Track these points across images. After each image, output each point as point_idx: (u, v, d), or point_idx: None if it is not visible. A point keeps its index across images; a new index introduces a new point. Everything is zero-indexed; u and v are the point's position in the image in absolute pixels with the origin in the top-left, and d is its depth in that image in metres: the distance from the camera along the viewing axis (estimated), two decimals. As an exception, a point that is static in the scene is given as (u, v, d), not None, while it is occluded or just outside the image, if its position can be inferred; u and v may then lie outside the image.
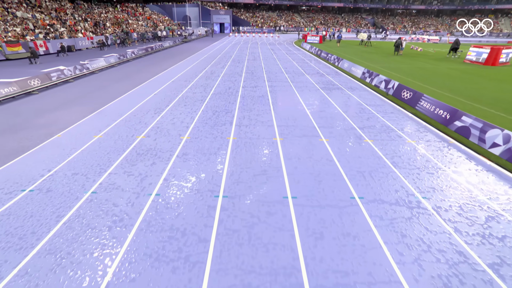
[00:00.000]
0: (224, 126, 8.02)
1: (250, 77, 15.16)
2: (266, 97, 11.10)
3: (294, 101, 10.67)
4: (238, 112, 9.22)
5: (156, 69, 17.32)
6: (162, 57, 23.25)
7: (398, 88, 11.42)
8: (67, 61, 20.36)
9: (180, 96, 11.10)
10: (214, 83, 13.55)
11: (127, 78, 14.74)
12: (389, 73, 16.35)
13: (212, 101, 10.46)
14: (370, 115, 9.35)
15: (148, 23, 49.86)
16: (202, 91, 12.00)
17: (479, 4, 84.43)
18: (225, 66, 18.77)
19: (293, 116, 8.95)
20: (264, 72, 16.74)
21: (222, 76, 15.15)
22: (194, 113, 9.10)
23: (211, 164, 5.98)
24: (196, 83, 13.51)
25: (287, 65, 19.70)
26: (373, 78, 13.74)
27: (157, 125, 8.12)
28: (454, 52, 25.63)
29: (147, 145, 6.82)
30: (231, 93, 11.70)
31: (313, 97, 11.28)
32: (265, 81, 14.18)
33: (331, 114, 9.31)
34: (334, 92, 12.29)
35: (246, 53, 26.57)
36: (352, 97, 11.58)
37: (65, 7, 37.83)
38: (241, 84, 13.41)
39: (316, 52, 25.81)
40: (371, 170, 5.85)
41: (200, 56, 24.05)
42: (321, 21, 78.55)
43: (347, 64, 17.80)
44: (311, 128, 8.00)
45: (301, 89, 12.66)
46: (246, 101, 10.57)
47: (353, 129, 8.07)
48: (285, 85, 13.28)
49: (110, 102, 10.28)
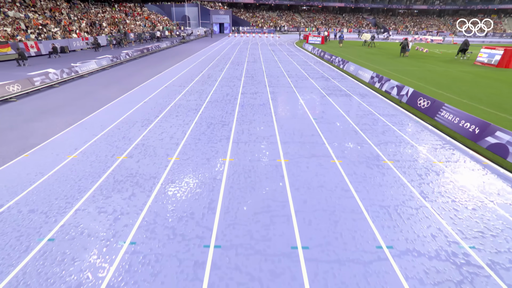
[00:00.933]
0: (220, 144, 6.95)
1: (250, 81, 14.10)
2: (268, 106, 10.04)
3: (299, 111, 9.60)
4: (236, 125, 8.15)
5: (150, 73, 16.26)
6: (157, 59, 22.19)
7: (413, 96, 10.36)
8: (58, 63, 19.31)
9: (172, 105, 10.03)
10: (211, 88, 12.49)
11: (118, 82, 13.67)
12: (398, 77, 15.30)
13: (208, 111, 9.40)
14: (385, 127, 8.29)
15: (146, 23, 48.82)
16: (197, 98, 10.93)
17: (482, 4, 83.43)
18: (223, 69, 17.71)
19: (298, 130, 7.88)
20: (265, 75, 15.68)
21: (219, 81, 14.09)
22: (186, 126, 8.03)
23: (202, 197, 4.92)
24: (191, 88, 12.45)
25: (289, 67, 18.64)
26: (384, 83, 12.67)
27: (142, 141, 7.05)
28: (463, 53, 24.56)
29: (128, 169, 5.76)
30: (229, 100, 10.63)
31: (319, 106, 10.22)
32: (266, 86, 13.11)
33: (342, 126, 8.25)
34: (342, 99, 11.22)
35: (246, 54, 25.50)
36: (362, 105, 10.52)
37: (61, 6, 36.78)
38: (240, 89, 12.34)
39: (319, 54, 24.74)
40: (397, 204, 4.80)
41: (198, 57, 22.98)
42: (322, 21, 77.52)
43: (353, 67, 16.74)
44: (320, 146, 6.94)
45: (306, 95, 11.60)
46: (245, 110, 9.50)
47: (368, 146, 7.01)
48: (288, 91, 12.21)
49: (94, 112, 9.22)
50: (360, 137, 7.51)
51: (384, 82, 12.66)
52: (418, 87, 12.83)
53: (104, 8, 45.53)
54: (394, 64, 20.64)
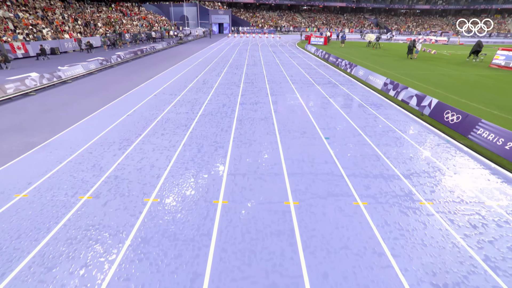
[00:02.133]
0: (211, 177, 5.56)
1: (249, 88, 12.71)
2: (270, 121, 8.65)
3: (308, 127, 8.21)
4: (233, 148, 6.76)
5: (140, 78, 14.86)
6: (151, 62, 20.79)
7: (438, 108, 8.97)
8: (44, 66, 17.94)
9: (159, 119, 8.64)
10: (206, 97, 11.10)
11: (102, 90, 12.28)
12: (412, 82, 13.91)
13: (200, 127, 8.00)
14: (411, 149, 6.91)
15: (143, 23, 47.45)
16: (189, 109, 9.54)
17: (486, 4, 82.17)
18: (220, 73, 16.32)
19: (308, 155, 6.49)
20: (266, 81, 14.28)
21: (216, 88, 12.69)
22: (172, 149, 6.64)
23: (183, 269, 3.54)
24: (183, 97, 11.05)
25: (293, 71, 17.24)
26: (400, 91, 11.28)
27: (116, 172, 5.67)
28: (475, 55, 23.17)
29: (89, 217, 4.38)
30: (225, 113, 9.24)
31: (330, 120, 8.83)
32: (268, 94, 11.72)
33: (359, 149, 6.87)
34: (355, 111, 9.84)
35: (246, 56, 24.11)
36: (379, 118, 9.14)
37: (55, 6, 35.39)
38: (238, 99, 10.95)
39: (323, 56, 23.35)
40: (456, 279, 3.42)
41: (194, 60, 21.58)
42: (323, 21, 76.18)
43: (362, 71, 15.34)
44: (337, 179, 5.55)
45: (313, 106, 10.21)
46: (244, 127, 8.11)
47: (396, 178, 5.63)
48: (293, 101, 10.82)
49: (66, 129, 7.82)
50: (383, 165, 6.12)
51: (400, 90, 11.27)
52: (437, 95, 11.46)
53: (100, 8, 44.17)
54: (403, 67, 19.25)
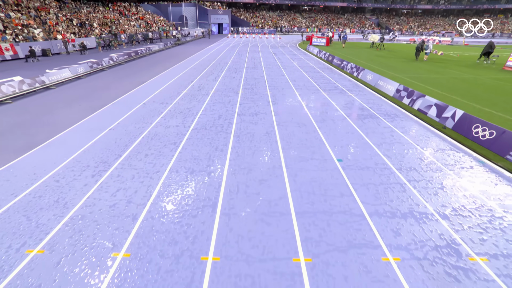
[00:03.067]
0: (200, 218, 4.43)
1: (249, 95, 11.59)
2: (273, 137, 7.52)
3: (316, 145, 7.09)
4: (229, 176, 5.62)
5: (131, 83, 13.74)
6: (145, 65, 19.66)
7: (463, 120, 7.86)
8: (32, 68, 16.88)
9: (145, 134, 7.51)
10: (200, 106, 9.97)
11: (87, 97, 11.16)
12: (424, 88, 12.80)
13: (190, 146, 6.88)
14: (442, 175, 5.79)
15: (140, 23, 46.36)
16: (180, 122, 8.41)
17: (489, 4, 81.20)
18: (218, 77, 15.19)
19: (320, 185, 5.36)
20: (267, 86, 13.16)
21: (212, 95, 11.57)
22: (155, 177, 5.52)
23: None
24: (175, 107, 9.92)
25: (295, 76, 16.12)
26: (415, 99, 10.16)
27: (83, 210, 4.54)
28: (486, 56, 22.06)
29: (33, 283, 3.26)
30: (221, 127, 8.11)
31: (342, 135, 7.71)
32: (269, 103, 10.59)
33: (379, 174, 5.75)
34: (368, 123, 8.71)
35: (245, 58, 22.99)
36: (396, 132, 8.02)
37: (49, 6, 34.28)
38: (236, 108, 9.82)
39: (327, 58, 22.22)
40: None
41: (191, 62, 20.45)
42: (323, 22, 75.12)
43: (370, 76, 14.22)
44: (358, 220, 4.43)
45: (321, 118, 9.08)
46: (242, 145, 6.99)
47: (432, 219, 4.51)
48: (298, 112, 9.69)
49: (35, 147, 6.70)
50: (412, 198, 5.01)
51: (416, 99, 10.15)
52: (455, 103, 10.34)
53: (97, 7, 43.09)
54: (412, 70, 18.14)
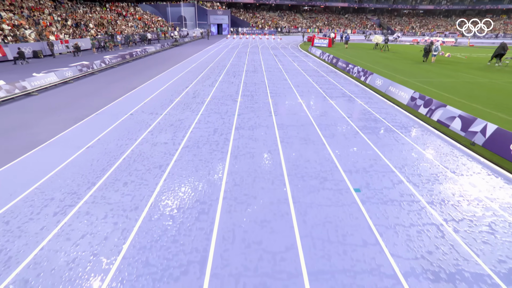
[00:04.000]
0: (182, 283, 3.35)
1: (249, 103, 10.51)
2: (277, 158, 6.43)
3: (328, 169, 6.00)
4: (223, 215, 4.53)
5: (121, 89, 12.66)
6: (138, 68, 18.59)
7: (497, 136, 6.78)
8: (19, 72, 15.84)
9: (127, 155, 6.42)
10: (194, 117, 8.88)
11: (69, 106, 10.08)
12: (438, 94, 11.73)
13: (179, 170, 5.79)
14: (484, 209, 4.71)
15: (138, 24, 45.33)
16: (170, 138, 7.33)
17: (491, 4, 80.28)
18: (215, 82, 14.11)
19: (337, 228, 4.27)
20: (268, 93, 12.07)
21: (208, 103, 10.48)
22: (132, 216, 4.43)
23: None
24: (165, 118, 8.84)
25: (299, 80, 15.05)
26: (434, 109, 9.07)
27: (28, 271, 3.45)
28: (498, 59, 21.01)
29: None
30: (216, 144, 7.03)
31: (357, 156, 6.62)
32: (271, 113, 9.49)
33: (411, 214, 4.66)
34: (384, 138, 7.63)
35: (245, 61, 21.91)
36: (417, 150, 6.94)
37: (44, 5, 33.24)
38: (234, 120, 8.74)
39: (331, 60, 21.14)
40: None
41: (188, 65, 19.37)
42: (324, 22, 74.14)
43: (380, 81, 13.13)
44: (392, 285, 3.35)
45: (331, 133, 7.99)
46: (240, 170, 5.90)
47: (492, 285, 3.44)
48: (304, 125, 8.59)
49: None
50: (456, 249, 3.91)
51: (435, 108, 9.06)
52: (478, 112, 9.27)
53: (94, 8, 42.05)
54: (421, 73, 17.08)
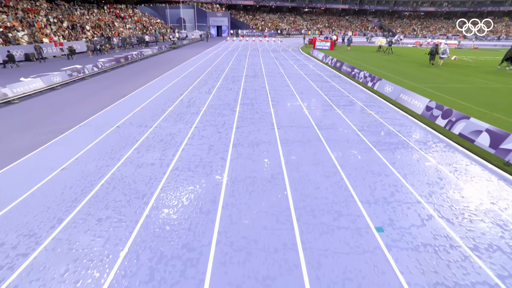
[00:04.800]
0: None
1: (248, 114, 9.57)
2: (281, 184, 5.45)
3: (342, 198, 5.04)
4: (215, 270, 3.56)
5: (110, 96, 11.74)
6: (133, 72, 17.68)
7: (536, 158, 5.84)
8: (7, 76, 15.01)
9: (105, 181, 5.47)
10: (187, 131, 7.93)
11: (48, 117, 9.13)
12: (453, 101, 10.79)
13: (164, 203, 4.84)
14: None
15: (136, 26, 44.55)
16: (157, 158, 6.38)
17: (493, 6, 79.71)
18: (212, 88, 13.19)
19: (360, 286, 3.33)
20: (270, 102, 11.12)
21: (203, 113, 9.54)
22: (103, 268, 3.48)
23: None
24: (155, 132, 7.89)
25: (302, 86, 14.12)
26: (455, 122, 8.13)
27: None
28: (509, 62, 20.15)
29: None
30: (210, 167, 6.07)
31: (375, 181, 5.65)
32: (273, 125, 8.54)
33: (449, 265, 3.68)
34: (402, 156, 6.68)
35: (244, 64, 21.01)
36: (443, 172, 5.99)
37: (40, 7, 32.42)
38: (232, 134, 7.79)
39: (334, 64, 20.24)
40: None
41: (184, 69, 18.46)
42: (325, 24, 73.47)
43: (390, 87, 12.19)
44: None
45: (343, 152, 7.04)
46: (238, 201, 4.94)
47: None
48: (310, 140, 7.62)
49: None
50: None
51: (455, 120, 8.12)
52: (502, 124, 8.32)
53: (92, 9, 41.27)
54: (429, 78, 16.16)
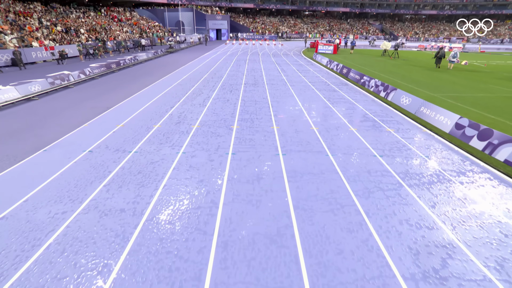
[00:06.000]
0: None
1: (247, 135, 8.13)
2: (291, 244, 3.99)
3: (377, 275, 3.59)
4: None
5: (90, 109, 10.32)
6: (122, 80, 16.29)
7: None
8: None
9: (54, 239, 4.02)
10: (172, 159, 6.50)
11: (12, 137, 7.67)
12: (480, 114, 9.37)
13: (133, 277, 3.42)
14: None
15: (133, 29, 43.32)
16: (130, 201, 4.94)
17: (496, 9, 78.84)
18: (207, 99, 11.78)
19: None
20: (273, 118, 9.67)
21: (193, 134, 8.09)
22: None
23: None
24: (133, 160, 6.45)
25: (307, 96, 12.72)
26: (498, 146, 6.69)
27: None
28: (527, 69, 18.85)
29: None
30: (197, 217, 4.60)
31: (413, 235, 4.23)
32: (278, 151, 7.07)
33: None
34: (441, 196, 5.23)
35: (244, 70, 19.65)
36: (503, 224, 4.58)
37: (34, 10, 31.18)
38: (227, 165, 6.34)
39: (340, 70, 18.87)
40: None
41: (179, 76, 17.07)
42: (325, 27, 72.45)
43: (407, 99, 10.74)
44: None
45: (365, 188, 5.58)
46: (233, 272, 3.49)
47: None
48: (323, 172, 6.17)
49: None
50: None
51: (498, 144, 6.70)
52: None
53: (88, 12, 40.07)
54: (445, 85, 14.79)
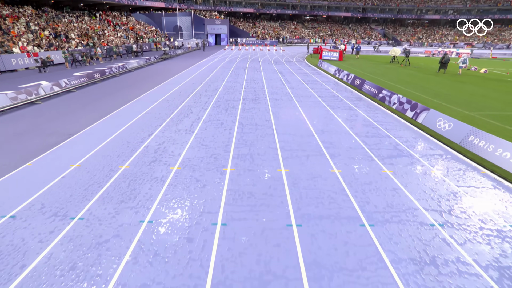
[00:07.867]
0: None
1: (245, 184, 5.93)
2: None
3: None
4: None
5: (42, 139, 8.13)
6: (101, 94, 14.13)
7: None
8: None
9: None
10: (129, 238, 4.28)
11: None
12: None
13: None
14: None
15: (129, 34, 41.46)
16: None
17: (500, 14, 77.38)
18: (196, 124, 9.60)
19: None
20: (279, 152, 7.47)
21: (170, 183, 5.89)
22: None
23: None
24: (72, 237, 4.25)
25: (316, 114, 10.55)
26: None
27: None
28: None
29: None
30: None
31: None
32: (290, 215, 4.90)
33: None
34: None
35: (243, 81, 17.54)
36: None
37: (23, 14, 29.24)
38: (213, 252, 4.14)
39: (352, 82, 16.73)
40: None
41: (167, 89, 14.88)
42: (327, 32, 70.87)
43: (447, 123, 8.53)
44: None
45: (412, 259, 3.41)
46: None
47: None
48: (363, 266, 3.97)
49: None
50: None
51: None
52: None
53: (82, 17, 38.21)
54: (476, 100, 12.67)
